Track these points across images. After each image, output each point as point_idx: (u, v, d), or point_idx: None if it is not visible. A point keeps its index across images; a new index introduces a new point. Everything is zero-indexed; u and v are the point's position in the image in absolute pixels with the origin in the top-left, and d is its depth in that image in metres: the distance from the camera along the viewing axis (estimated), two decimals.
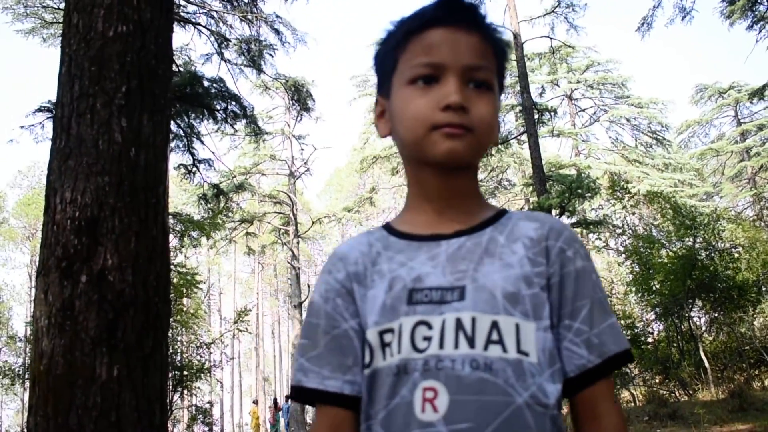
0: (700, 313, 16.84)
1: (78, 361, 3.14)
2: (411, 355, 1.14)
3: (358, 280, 1.25)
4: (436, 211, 1.27)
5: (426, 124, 1.19)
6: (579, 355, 1.19)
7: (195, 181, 14.20)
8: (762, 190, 34.13)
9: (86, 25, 3.60)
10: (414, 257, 1.23)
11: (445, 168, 1.23)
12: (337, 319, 1.24)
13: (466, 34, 1.23)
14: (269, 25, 14.15)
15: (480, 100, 1.21)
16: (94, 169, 3.38)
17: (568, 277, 1.22)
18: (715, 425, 9.05)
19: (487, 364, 1.11)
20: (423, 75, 1.22)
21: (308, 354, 1.24)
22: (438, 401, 1.10)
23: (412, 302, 1.18)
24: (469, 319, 1.14)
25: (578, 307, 1.21)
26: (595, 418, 1.19)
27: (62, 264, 3.28)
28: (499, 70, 1.28)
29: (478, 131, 1.20)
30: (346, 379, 1.21)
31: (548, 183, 18.77)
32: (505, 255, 1.21)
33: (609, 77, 34.29)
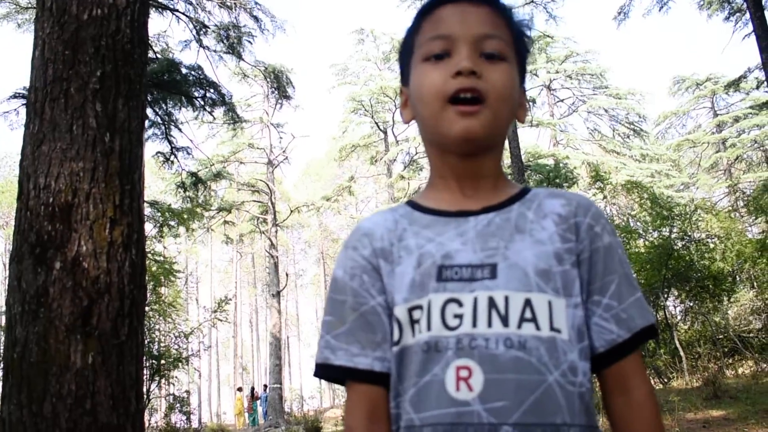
0: (676, 303, 17.02)
1: (52, 348, 3.11)
2: (442, 332, 1.13)
3: (384, 257, 1.24)
4: (460, 188, 1.26)
5: (440, 94, 1.19)
6: (609, 330, 1.19)
7: (173, 169, 14.10)
8: (737, 181, 34.42)
9: (60, 9, 3.55)
10: (442, 233, 1.22)
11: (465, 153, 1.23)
12: (365, 296, 1.22)
13: (475, 6, 1.24)
14: (248, 12, 14.06)
15: (494, 69, 1.20)
16: (68, 155, 3.34)
17: (597, 253, 1.22)
18: (689, 413, 9.15)
19: (521, 342, 1.11)
20: (434, 50, 1.22)
21: (335, 331, 1.23)
22: (473, 380, 1.09)
23: (441, 279, 1.17)
24: (502, 298, 1.14)
25: (607, 282, 1.21)
26: (626, 391, 1.20)
27: (36, 250, 3.24)
28: (516, 44, 1.27)
29: (492, 100, 1.19)
30: (376, 355, 1.20)
31: (527, 173, 18.83)
32: (535, 231, 1.21)
33: (587, 68, 34.41)
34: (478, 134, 1.19)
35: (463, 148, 1.21)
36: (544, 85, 35.27)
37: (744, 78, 20.33)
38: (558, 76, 35.15)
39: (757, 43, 12.82)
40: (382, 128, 35.09)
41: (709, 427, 8.15)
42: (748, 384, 11.45)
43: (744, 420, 8.23)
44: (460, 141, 1.19)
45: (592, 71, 34.47)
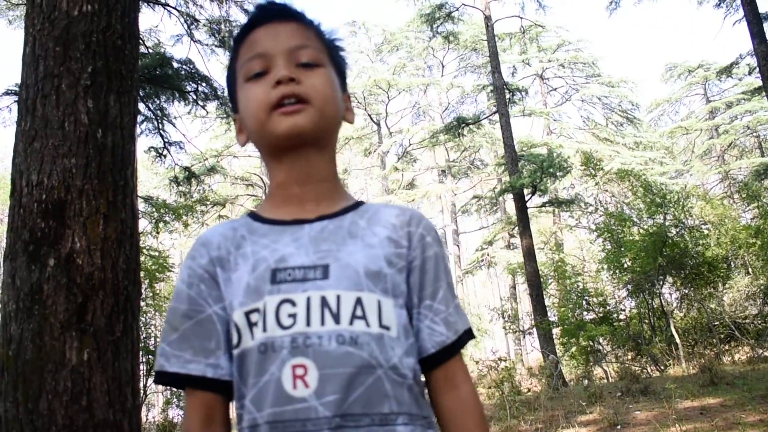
0: (671, 290, 17.05)
1: (47, 345, 3.10)
2: (276, 332, 1.17)
3: (221, 265, 1.28)
4: (297, 198, 1.32)
5: (264, 106, 1.26)
6: (439, 332, 1.28)
7: (166, 164, 14.07)
8: (730, 168, 34.50)
9: (50, 5, 3.53)
10: (278, 240, 1.27)
11: (293, 147, 1.28)
12: (201, 304, 1.26)
13: (282, 23, 1.33)
14: (239, 6, 14.00)
15: (311, 74, 1.28)
16: (60, 151, 3.33)
17: (428, 261, 1.31)
18: (686, 400, 9.17)
19: (353, 338, 1.17)
20: (254, 70, 1.29)
21: (169, 338, 1.27)
22: (308, 377, 1.14)
23: (275, 281, 1.21)
24: (334, 297, 1.19)
25: (437, 288, 1.30)
26: (454, 387, 1.29)
27: (29, 248, 3.23)
28: (330, 53, 1.37)
29: (315, 101, 1.26)
30: (209, 362, 1.24)
31: (520, 162, 18.84)
32: (367, 237, 1.28)
33: (580, 56, 34.43)
34: (304, 127, 1.25)
35: (292, 141, 1.27)
36: (537, 74, 35.29)
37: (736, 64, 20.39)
38: (550, 66, 35.17)
39: (748, 28, 12.84)
40: (375, 120, 35.08)
41: (706, 414, 8.17)
42: (744, 370, 11.48)
43: (741, 406, 8.25)
44: (287, 136, 1.26)
45: (584, 60, 34.50)
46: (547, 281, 19.20)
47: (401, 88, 34.95)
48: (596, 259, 20.01)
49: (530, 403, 10.96)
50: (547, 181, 18.49)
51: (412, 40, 35.69)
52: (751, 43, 12.84)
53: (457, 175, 35.57)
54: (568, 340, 16.54)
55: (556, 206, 23.25)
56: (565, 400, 11.26)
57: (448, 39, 25.29)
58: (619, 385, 11.80)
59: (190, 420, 1.25)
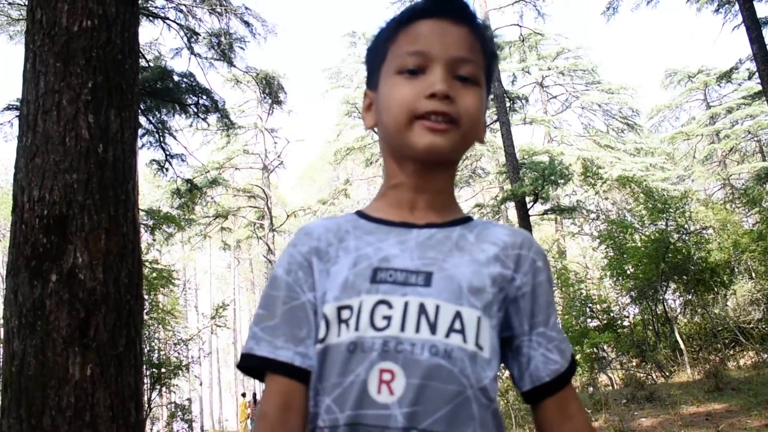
0: (675, 296, 17.02)
1: (50, 361, 3.11)
2: (368, 332, 1.14)
3: (318, 255, 1.25)
4: (409, 203, 1.28)
5: (410, 111, 1.19)
6: (553, 360, 1.24)
7: (168, 177, 14.09)
8: (731, 172, 34.48)
9: (50, 21, 3.55)
10: (383, 239, 1.24)
11: (425, 163, 1.24)
12: (297, 291, 1.24)
13: (454, 25, 1.23)
14: (239, 18, 14.04)
15: (467, 93, 1.21)
16: (61, 167, 3.34)
17: (540, 287, 1.26)
18: (691, 406, 9.15)
19: (447, 351, 1.13)
20: (410, 64, 1.22)
21: (263, 323, 1.24)
22: (395, 384, 1.10)
23: (375, 281, 1.18)
24: (433, 306, 1.15)
25: (549, 314, 1.26)
26: (569, 417, 1.25)
27: (32, 263, 3.23)
28: (487, 69, 1.28)
29: (463, 124, 1.20)
30: (298, 350, 1.20)
31: (521, 170, 18.85)
32: (474, 252, 1.23)
33: (579, 64, 34.47)
34: (443, 150, 1.20)
35: (426, 159, 1.23)
36: (537, 82, 35.33)
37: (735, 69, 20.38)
38: (550, 73, 35.22)
39: (747, 34, 12.85)
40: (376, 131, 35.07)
41: (711, 420, 8.15)
42: (749, 375, 11.45)
43: (747, 411, 8.23)
44: (425, 153, 1.21)
45: (584, 67, 34.53)
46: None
47: None
48: (599, 266, 19.99)
49: None
50: (549, 189, 18.49)
51: None
52: (750, 47, 12.85)
53: (459, 184, 35.53)
54: (573, 347, 16.49)
55: (558, 213, 23.24)
56: None
57: None
58: (624, 392, 11.77)
59: (268, 405, 1.21)
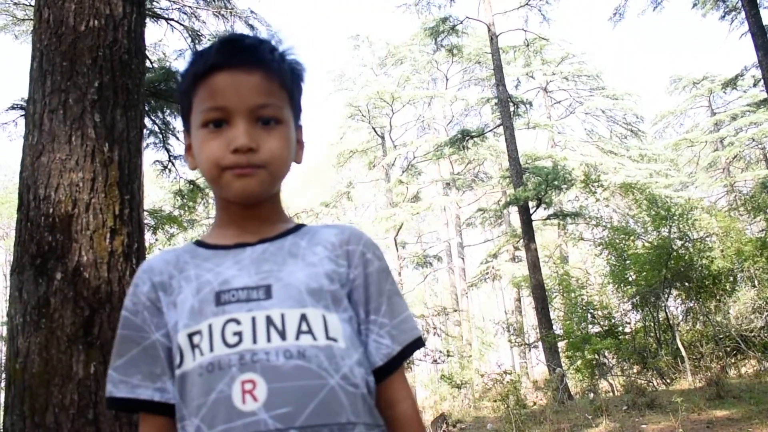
0: (677, 303, 16.99)
1: (54, 359, 3.11)
2: (223, 351, 1.20)
3: (163, 289, 1.32)
4: (240, 227, 1.36)
5: (218, 166, 1.28)
6: (384, 345, 1.33)
7: (171, 177, 14.10)
8: (735, 180, 34.44)
9: (57, 20, 3.56)
10: (221, 263, 1.31)
11: (244, 205, 1.34)
12: (146, 330, 1.30)
13: (247, 75, 1.30)
14: (243, 21, 14.04)
15: (270, 136, 1.30)
16: (67, 165, 3.35)
17: (370, 277, 1.36)
18: (693, 413, 9.13)
19: (300, 352, 1.21)
20: (212, 119, 1.30)
21: (116, 363, 1.31)
22: (257, 391, 1.17)
23: (220, 303, 1.25)
24: (279, 315, 1.23)
25: (380, 302, 1.35)
26: (396, 402, 1.34)
27: (37, 261, 3.24)
28: (291, 98, 1.37)
29: (270, 166, 1.29)
30: (156, 386, 1.28)
31: (525, 175, 18.84)
32: (307, 256, 1.33)
33: (583, 69, 34.47)
34: (254, 192, 1.30)
35: (243, 202, 1.32)
36: (541, 87, 35.33)
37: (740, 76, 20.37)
38: (554, 78, 35.21)
39: (752, 41, 12.87)
40: (379, 133, 35.10)
41: (713, 428, 8.14)
42: (751, 383, 11.42)
43: (748, 420, 8.22)
44: (239, 198, 1.31)
45: (588, 72, 34.54)
46: (552, 294, 19.15)
47: (405, 101, 34.99)
48: (601, 272, 19.97)
49: (536, 417, 10.92)
50: (552, 194, 18.49)
51: (416, 53, 35.75)
52: (755, 55, 12.86)
53: (462, 188, 35.53)
54: (574, 354, 16.49)
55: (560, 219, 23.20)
56: (570, 414, 11.22)
57: (452, 52, 25.32)
58: (625, 399, 11.76)
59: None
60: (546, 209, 20.22)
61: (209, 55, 1.31)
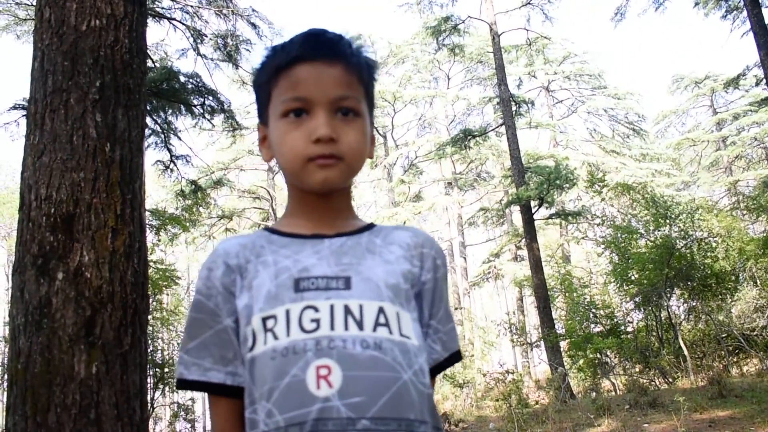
0: (679, 302, 16.97)
1: (56, 359, 3.11)
2: (300, 336, 1.22)
3: (239, 272, 1.33)
4: (315, 219, 1.38)
5: (301, 157, 1.30)
6: (436, 350, 1.37)
7: (173, 177, 14.11)
8: (737, 179, 34.40)
9: (58, 20, 3.56)
10: (299, 251, 1.33)
11: (321, 192, 1.35)
12: (219, 315, 1.31)
13: (329, 67, 1.33)
14: (245, 20, 14.04)
15: (348, 128, 1.33)
16: (69, 165, 3.35)
17: (437, 282, 1.39)
18: (695, 413, 9.12)
19: (376, 343, 1.22)
20: (293, 108, 1.32)
21: (188, 346, 1.33)
22: (332, 377, 1.17)
23: (299, 289, 1.26)
24: (357, 306, 1.25)
25: (440, 308, 1.39)
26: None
27: (38, 261, 3.24)
28: (366, 94, 1.40)
29: (348, 158, 1.32)
30: (228, 370, 1.30)
31: (527, 174, 18.82)
32: (384, 253, 1.35)
33: (586, 69, 34.42)
34: (336, 182, 1.33)
35: (322, 192, 1.35)
36: (543, 86, 35.30)
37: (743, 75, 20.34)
38: (556, 78, 35.17)
39: (755, 40, 12.85)
40: (381, 133, 35.08)
41: (715, 427, 8.13)
42: (753, 382, 11.41)
43: (750, 419, 8.21)
44: (320, 188, 1.33)
45: (590, 72, 34.49)
46: (554, 293, 19.14)
47: (407, 100, 34.99)
48: (603, 272, 19.95)
49: (538, 416, 10.91)
50: (554, 193, 18.46)
51: (418, 52, 35.72)
52: (757, 54, 12.84)
53: (464, 188, 35.53)
54: (576, 353, 16.47)
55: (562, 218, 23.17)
56: (573, 413, 11.21)
57: (453, 51, 25.31)
58: (628, 398, 11.75)
59: (220, 425, 1.32)
60: (548, 209, 20.20)
61: (292, 48, 1.34)
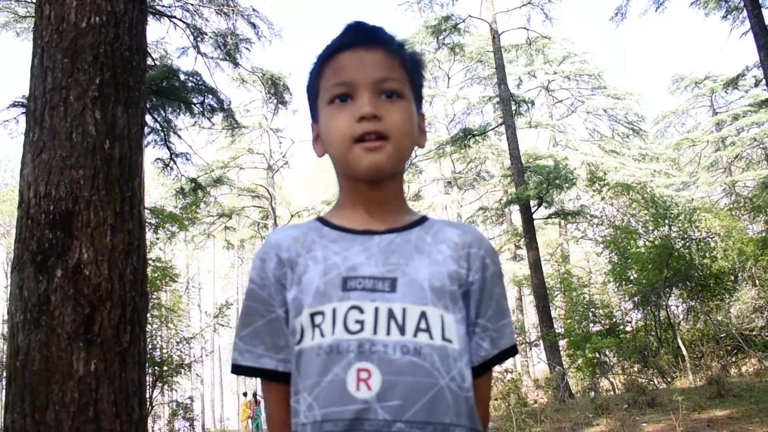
0: (678, 302, 16.99)
1: (54, 356, 3.11)
2: (344, 336, 1.25)
3: (291, 265, 1.36)
4: (366, 212, 1.39)
5: (347, 137, 1.32)
6: (484, 348, 1.38)
7: (172, 175, 14.11)
8: (736, 180, 34.40)
9: (58, 17, 3.55)
10: (348, 248, 1.35)
11: (372, 179, 1.36)
12: (272, 305, 1.36)
13: (369, 51, 1.37)
14: (245, 19, 14.04)
15: (393, 108, 1.35)
16: (68, 162, 3.34)
17: (485, 282, 1.39)
18: (693, 412, 9.12)
19: (416, 349, 1.24)
20: (338, 94, 1.35)
21: (242, 333, 1.38)
22: (372, 381, 1.21)
23: (346, 289, 1.29)
24: (400, 310, 1.27)
25: (489, 306, 1.40)
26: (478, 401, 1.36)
27: (37, 258, 3.23)
28: (412, 80, 1.43)
29: (394, 137, 1.33)
30: (280, 357, 1.35)
31: (526, 174, 18.83)
32: (432, 253, 1.36)
33: (585, 68, 34.41)
34: (384, 166, 1.33)
35: (371, 177, 1.35)
36: (543, 86, 35.29)
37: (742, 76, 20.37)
38: (556, 77, 35.16)
39: (754, 40, 12.85)
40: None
41: (713, 426, 8.13)
42: (751, 382, 11.41)
43: (748, 418, 8.21)
44: (369, 172, 1.33)
45: (590, 72, 34.47)
46: (554, 293, 19.15)
47: None
48: (602, 271, 19.96)
49: (536, 415, 10.91)
50: (553, 193, 18.49)
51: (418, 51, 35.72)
52: (757, 55, 12.84)
53: (463, 187, 35.54)
54: (575, 352, 16.50)
55: (562, 218, 23.20)
56: (571, 412, 11.22)
57: (453, 50, 25.34)
58: (626, 397, 11.75)
59: (272, 408, 1.38)
60: (547, 208, 20.23)
61: (335, 41, 1.40)
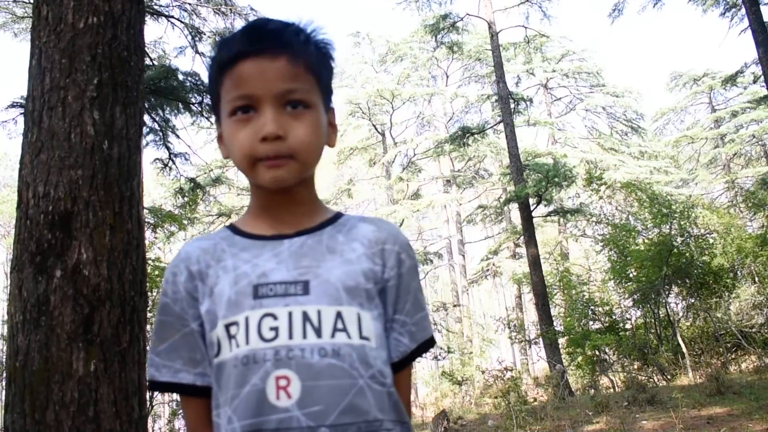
0: (677, 299, 17.00)
1: (54, 356, 3.11)
2: (259, 344, 1.23)
3: (201, 278, 1.34)
4: (276, 216, 1.37)
5: (249, 157, 1.29)
6: (403, 343, 1.38)
7: (171, 175, 14.09)
8: (736, 177, 34.41)
9: (56, 17, 3.56)
10: (258, 255, 1.33)
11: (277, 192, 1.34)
12: (186, 319, 1.34)
13: (272, 60, 1.29)
14: (243, 18, 14.02)
15: (298, 122, 1.29)
16: (66, 163, 3.34)
17: (401, 277, 1.38)
18: (693, 409, 9.13)
19: (335, 350, 1.24)
20: (239, 106, 1.30)
21: (159, 348, 1.35)
22: (291, 388, 1.20)
23: (257, 296, 1.27)
24: (315, 312, 1.26)
25: (406, 300, 1.39)
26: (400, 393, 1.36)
27: (36, 259, 3.24)
28: (319, 79, 1.36)
29: (299, 155, 1.29)
30: (197, 371, 1.33)
31: (525, 172, 18.84)
32: (345, 252, 1.34)
33: (584, 66, 34.40)
34: (287, 181, 1.30)
35: (276, 189, 1.33)
36: (541, 84, 35.28)
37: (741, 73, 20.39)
38: (554, 75, 35.15)
39: (753, 37, 12.85)
40: (379, 130, 35.07)
41: (713, 423, 8.14)
42: (751, 379, 11.43)
43: (748, 415, 8.21)
44: (273, 186, 1.31)
45: (588, 69, 34.46)
46: (553, 291, 19.16)
47: (405, 98, 34.92)
48: (602, 269, 19.97)
49: (536, 413, 10.92)
50: (552, 191, 18.49)
51: (416, 50, 35.69)
52: (756, 51, 12.85)
53: (462, 185, 35.51)
54: (574, 350, 16.51)
55: (561, 216, 23.22)
56: (571, 410, 11.22)
57: (452, 49, 25.31)
58: (626, 395, 11.75)
59: (193, 423, 1.36)
60: (546, 206, 20.23)
61: (233, 43, 1.32)
